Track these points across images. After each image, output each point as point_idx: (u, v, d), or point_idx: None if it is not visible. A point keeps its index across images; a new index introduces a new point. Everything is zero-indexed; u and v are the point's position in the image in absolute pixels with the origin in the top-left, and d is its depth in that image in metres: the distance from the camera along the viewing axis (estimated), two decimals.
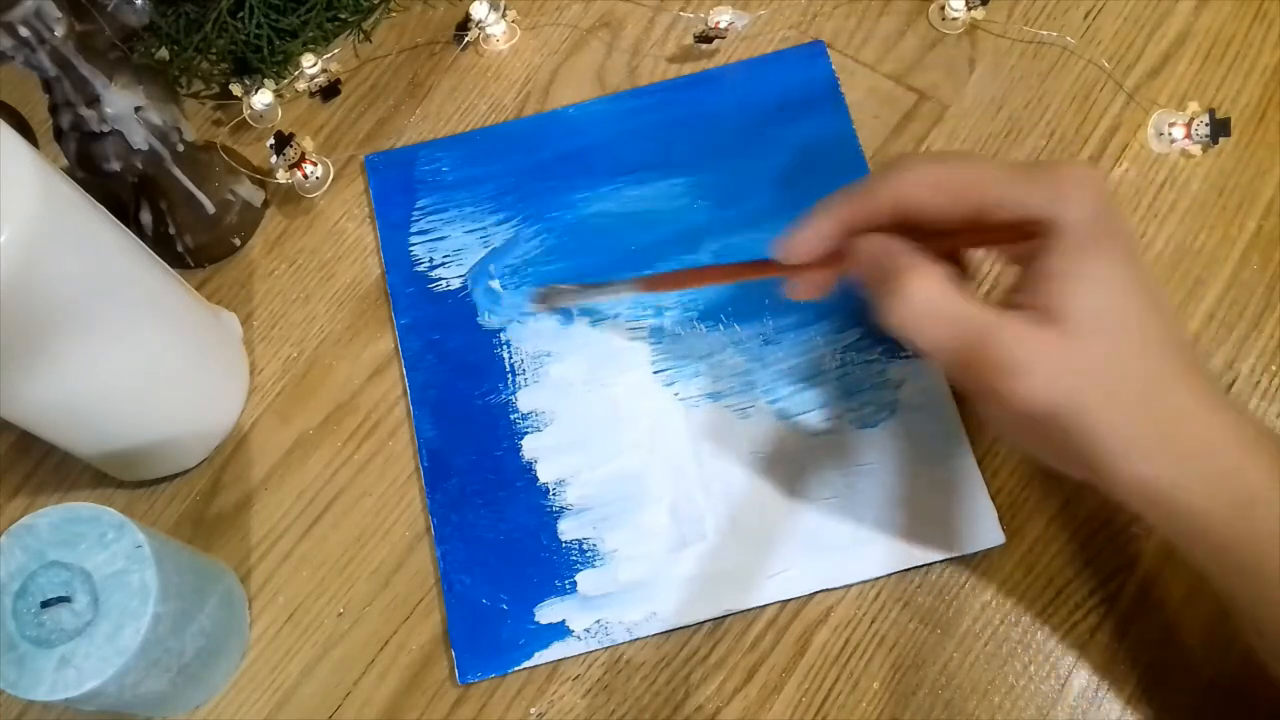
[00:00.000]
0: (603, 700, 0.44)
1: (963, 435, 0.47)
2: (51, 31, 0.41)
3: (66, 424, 0.45)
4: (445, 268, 0.52)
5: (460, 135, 0.55)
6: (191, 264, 0.54)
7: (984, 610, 0.44)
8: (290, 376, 0.51)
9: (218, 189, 0.53)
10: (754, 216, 0.52)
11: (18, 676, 0.37)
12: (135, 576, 0.38)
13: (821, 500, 0.46)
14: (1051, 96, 0.53)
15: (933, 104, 0.54)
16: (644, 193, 0.53)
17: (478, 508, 0.47)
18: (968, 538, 0.45)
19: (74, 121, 0.46)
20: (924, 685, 0.44)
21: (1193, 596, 0.44)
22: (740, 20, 0.55)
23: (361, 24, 0.59)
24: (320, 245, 0.54)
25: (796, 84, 0.54)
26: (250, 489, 0.49)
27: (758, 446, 0.47)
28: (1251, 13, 0.54)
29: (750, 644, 0.45)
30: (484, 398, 0.49)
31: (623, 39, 0.57)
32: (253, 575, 0.48)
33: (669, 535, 0.46)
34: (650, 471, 0.47)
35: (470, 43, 0.57)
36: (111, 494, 0.50)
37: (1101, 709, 0.42)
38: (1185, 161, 0.51)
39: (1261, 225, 0.50)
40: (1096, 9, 0.55)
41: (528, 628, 0.45)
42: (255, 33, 0.56)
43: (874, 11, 0.56)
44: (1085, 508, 0.45)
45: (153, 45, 0.57)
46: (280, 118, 0.57)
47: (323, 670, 0.46)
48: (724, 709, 0.44)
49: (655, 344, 0.50)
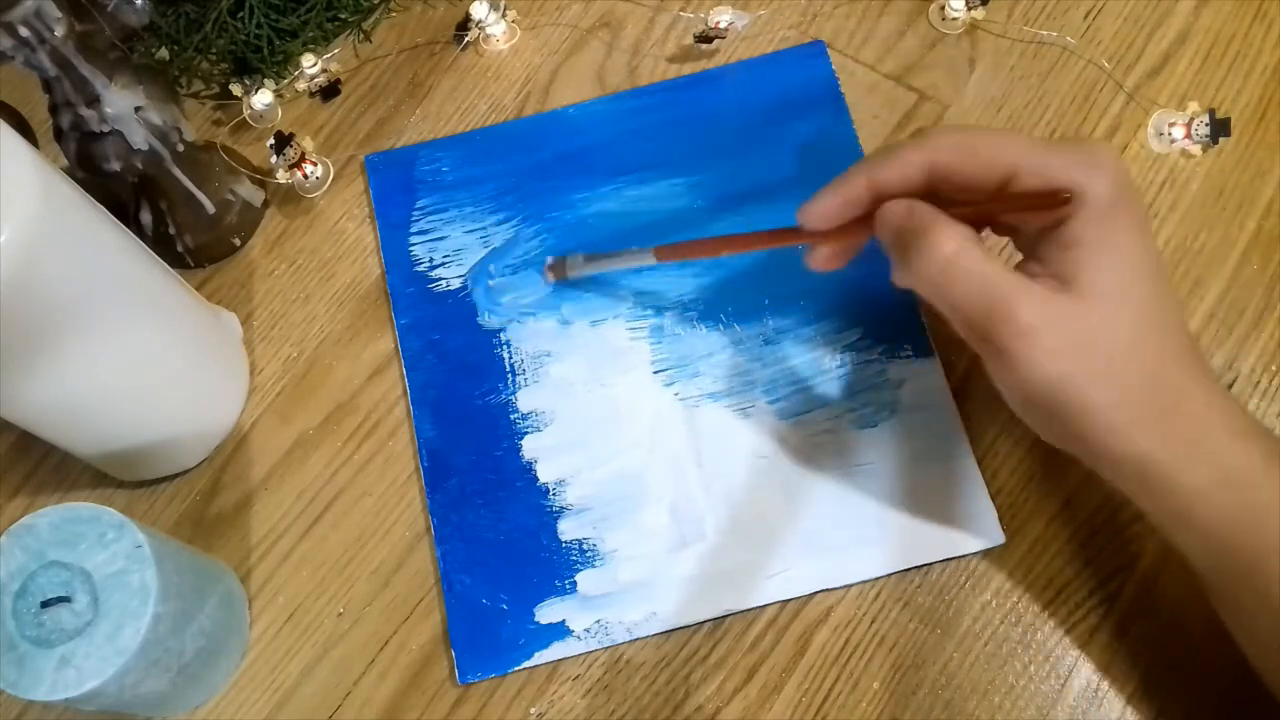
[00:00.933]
0: (603, 700, 0.44)
1: (963, 435, 0.47)
2: (51, 31, 0.41)
3: (66, 424, 0.45)
4: (445, 268, 0.52)
5: (460, 135, 0.55)
6: (191, 264, 0.54)
7: (984, 610, 0.44)
8: (290, 376, 0.51)
9: (218, 189, 0.53)
10: (754, 216, 0.52)
11: (18, 676, 0.37)
12: (135, 576, 0.39)
13: (821, 500, 0.46)
14: (1051, 96, 0.53)
15: (933, 104, 0.54)
16: (644, 193, 0.53)
17: (478, 508, 0.47)
18: (968, 538, 0.45)
19: (74, 121, 0.46)
20: (924, 685, 0.44)
21: (1193, 596, 0.43)
22: (740, 20, 0.55)
23: (361, 24, 0.59)
24: (320, 245, 0.54)
25: (796, 84, 0.54)
26: (250, 489, 0.49)
27: (758, 446, 0.47)
28: (1251, 13, 0.54)
29: (750, 644, 0.45)
30: (484, 398, 0.49)
31: (623, 39, 0.57)
32: (253, 575, 0.48)
33: (669, 535, 0.46)
34: (650, 471, 0.47)
35: (470, 43, 0.57)
36: (111, 494, 0.50)
37: (1101, 709, 0.42)
38: (1185, 161, 0.51)
39: (1261, 225, 0.50)
40: (1096, 9, 0.55)
41: (528, 628, 0.45)
42: (255, 33, 0.56)
43: (874, 11, 0.56)
44: (1085, 508, 0.45)
45: (153, 45, 0.57)
46: (280, 118, 0.57)
47: (323, 670, 0.46)
48: (724, 709, 0.44)
49: (655, 344, 0.50)
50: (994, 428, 0.47)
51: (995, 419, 0.47)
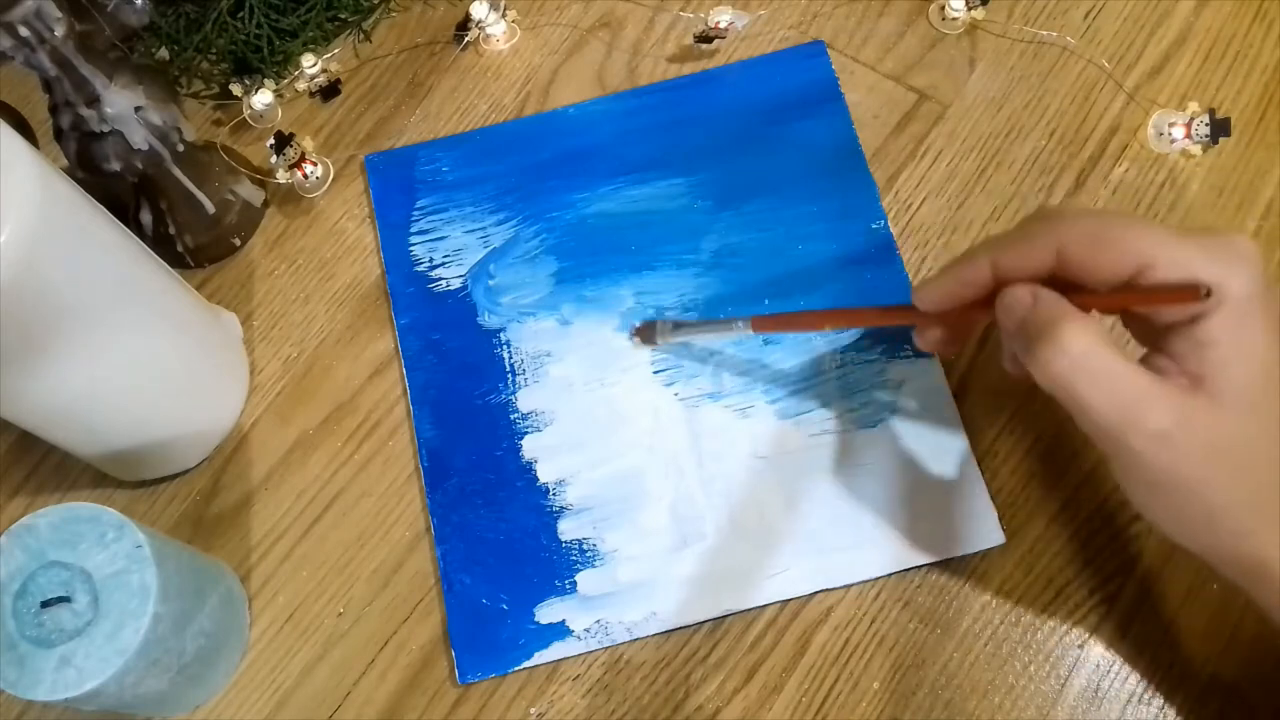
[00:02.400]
0: (603, 700, 0.44)
1: (963, 435, 0.47)
2: (51, 31, 0.41)
3: (66, 424, 0.45)
4: (445, 268, 0.52)
5: (460, 135, 0.55)
6: (191, 264, 0.54)
7: (984, 610, 0.44)
8: (290, 376, 0.51)
9: (218, 189, 0.53)
10: (754, 216, 0.52)
11: (18, 676, 0.37)
12: (135, 576, 0.38)
13: (821, 500, 0.46)
14: (1051, 96, 0.53)
15: (933, 104, 0.54)
16: (644, 193, 0.53)
17: (478, 508, 0.47)
18: (968, 538, 0.45)
19: (74, 121, 0.46)
20: (924, 685, 0.44)
21: (1193, 596, 0.44)
22: (740, 20, 0.55)
23: (361, 24, 0.59)
24: (320, 245, 0.54)
25: (796, 84, 0.54)
26: (250, 489, 0.49)
27: (758, 446, 0.47)
28: (1251, 13, 0.54)
29: (750, 644, 0.45)
30: (484, 398, 0.49)
31: (623, 39, 0.57)
32: (253, 575, 0.48)
33: (669, 535, 0.46)
34: (650, 471, 0.47)
35: (470, 43, 0.57)
36: (111, 494, 0.50)
37: (1101, 709, 0.42)
38: (1185, 161, 0.51)
39: (1261, 225, 0.50)
40: (1096, 9, 0.55)
41: (528, 628, 0.45)
42: (255, 33, 0.56)
43: (874, 11, 0.56)
44: (1085, 508, 0.45)
45: (153, 45, 0.58)
46: (280, 118, 0.57)
47: (323, 670, 0.46)
48: (724, 709, 0.44)
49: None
50: (994, 428, 0.47)
51: (995, 419, 0.47)
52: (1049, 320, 0.35)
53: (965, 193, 0.52)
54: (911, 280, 0.50)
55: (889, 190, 0.52)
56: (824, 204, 0.52)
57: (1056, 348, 0.34)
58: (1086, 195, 0.51)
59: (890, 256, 0.50)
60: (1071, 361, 0.34)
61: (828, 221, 0.51)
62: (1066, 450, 0.46)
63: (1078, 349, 0.34)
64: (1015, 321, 0.37)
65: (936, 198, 0.52)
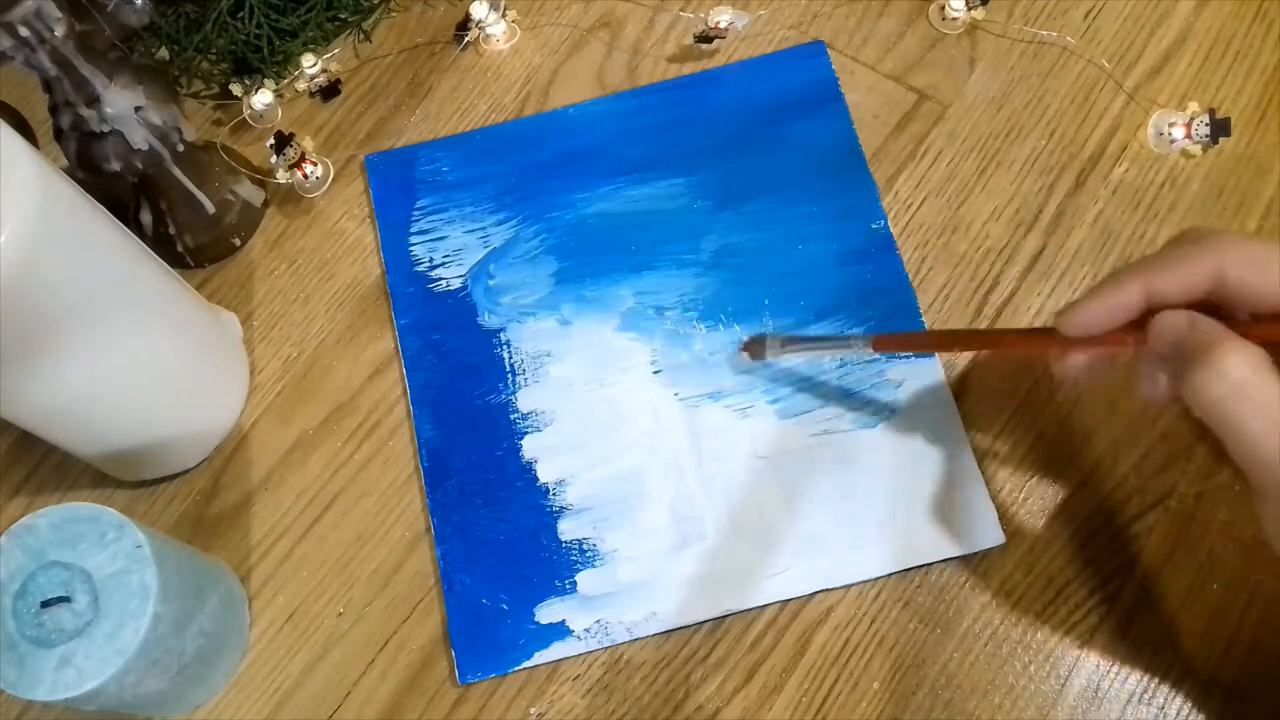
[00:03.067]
0: (603, 700, 0.44)
1: (963, 435, 0.47)
2: (51, 31, 0.41)
3: (66, 424, 0.45)
4: (445, 268, 0.52)
5: (460, 135, 0.55)
6: (191, 264, 0.54)
7: (984, 610, 0.44)
8: (290, 376, 0.51)
9: (218, 189, 0.53)
10: (754, 216, 0.52)
11: (18, 676, 0.37)
12: (135, 576, 0.38)
13: (821, 500, 0.46)
14: (1051, 96, 0.53)
15: (933, 104, 0.54)
16: (644, 193, 0.53)
17: (477, 508, 0.47)
18: (968, 538, 0.45)
19: (74, 121, 0.46)
20: (924, 685, 0.44)
21: (1193, 596, 0.44)
22: (740, 20, 0.55)
23: (361, 24, 0.59)
24: (320, 245, 0.54)
25: (796, 84, 0.54)
26: (250, 489, 0.49)
27: (758, 446, 0.47)
28: (1251, 13, 0.54)
29: (750, 644, 0.45)
30: (484, 398, 0.49)
31: (623, 39, 0.57)
32: (253, 575, 0.48)
33: (669, 535, 0.46)
34: (650, 471, 0.47)
35: (470, 43, 0.57)
36: (111, 494, 0.50)
37: (1101, 709, 0.42)
38: (1185, 161, 0.51)
39: (1261, 225, 0.50)
40: (1096, 9, 0.55)
41: (528, 628, 0.45)
42: (255, 33, 0.56)
43: (874, 11, 0.56)
44: (1085, 508, 0.45)
45: (153, 45, 0.58)
46: (280, 118, 0.57)
47: (323, 670, 0.46)
48: (724, 709, 0.44)
49: (655, 344, 0.50)
50: (994, 428, 0.47)
51: (995, 419, 0.47)
52: (1208, 344, 0.33)
53: (965, 193, 0.52)
54: (911, 280, 0.50)
55: (889, 190, 0.52)
56: (824, 204, 0.52)
57: (1216, 373, 0.33)
58: (1086, 195, 0.51)
59: (890, 256, 0.50)
60: (1231, 388, 0.33)
61: (828, 221, 0.51)
62: (1066, 450, 0.46)
63: (1238, 375, 0.33)
64: (1170, 345, 0.35)
65: (936, 197, 0.52)
